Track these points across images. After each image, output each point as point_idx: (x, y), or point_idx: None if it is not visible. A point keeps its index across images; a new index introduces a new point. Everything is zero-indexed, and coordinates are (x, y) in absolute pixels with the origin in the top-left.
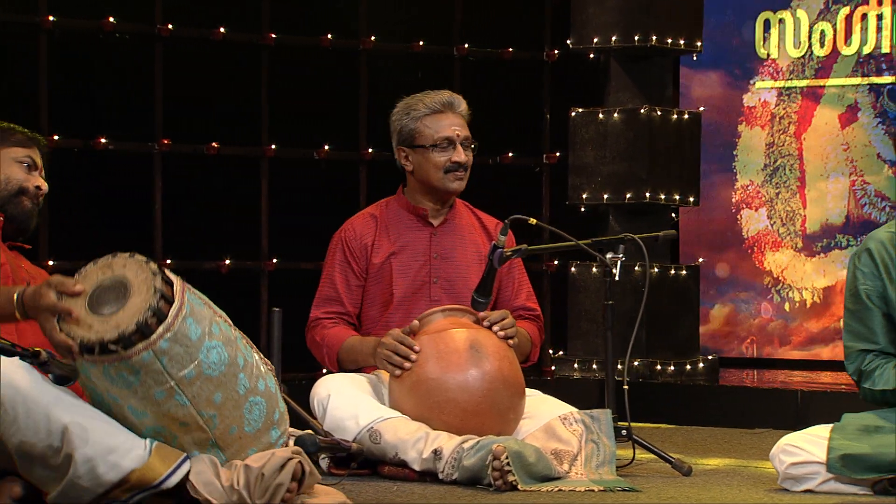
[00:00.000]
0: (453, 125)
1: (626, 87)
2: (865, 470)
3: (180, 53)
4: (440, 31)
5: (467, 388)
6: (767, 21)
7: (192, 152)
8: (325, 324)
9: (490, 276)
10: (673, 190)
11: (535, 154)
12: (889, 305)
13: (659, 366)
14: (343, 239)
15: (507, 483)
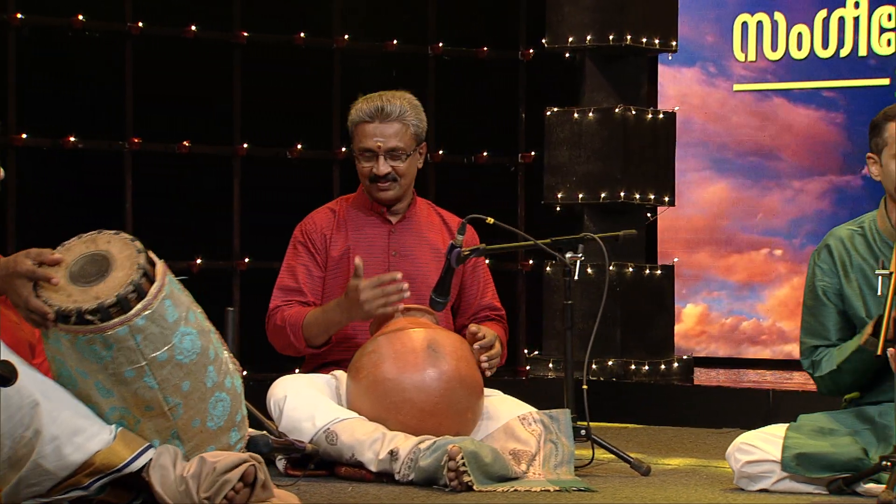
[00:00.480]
0: (377, 136)
1: (600, 86)
2: (820, 469)
3: (151, 52)
4: (415, 29)
5: (424, 388)
6: (745, 24)
7: (163, 151)
8: (284, 309)
9: (448, 275)
10: (648, 190)
11: (510, 153)
12: (845, 302)
13: (633, 365)
14: (304, 231)
15: (462, 484)
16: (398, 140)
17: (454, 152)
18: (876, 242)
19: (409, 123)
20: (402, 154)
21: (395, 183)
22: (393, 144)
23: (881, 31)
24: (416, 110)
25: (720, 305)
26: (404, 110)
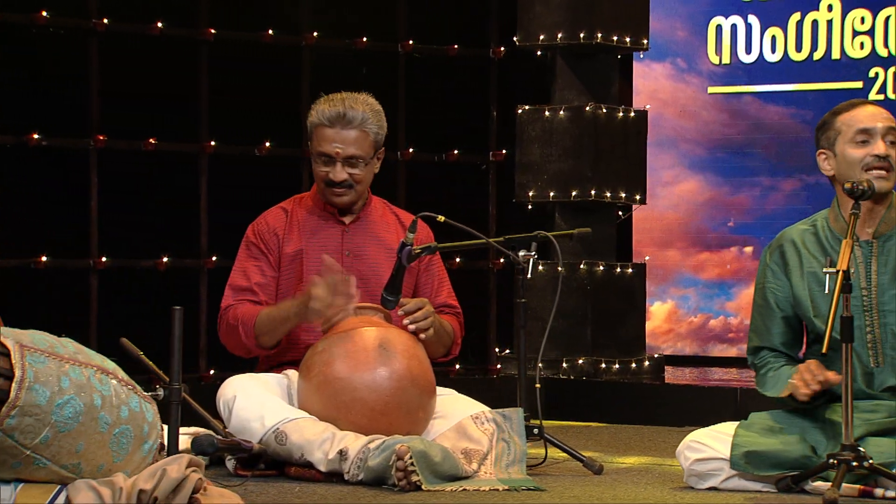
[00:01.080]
0: (335, 142)
1: (571, 84)
2: (769, 467)
3: (116, 49)
4: (385, 27)
5: (375, 387)
6: (719, 27)
7: (129, 149)
8: (237, 306)
9: (399, 273)
10: (619, 188)
11: (481, 152)
12: (795, 303)
13: (604, 364)
14: (256, 232)
15: (410, 483)
16: (357, 148)
17: (425, 150)
18: (828, 240)
19: (369, 131)
20: (361, 162)
21: (350, 189)
22: (352, 152)
23: (854, 35)
24: (377, 116)
25: (688, 303)
26: (366, 118)
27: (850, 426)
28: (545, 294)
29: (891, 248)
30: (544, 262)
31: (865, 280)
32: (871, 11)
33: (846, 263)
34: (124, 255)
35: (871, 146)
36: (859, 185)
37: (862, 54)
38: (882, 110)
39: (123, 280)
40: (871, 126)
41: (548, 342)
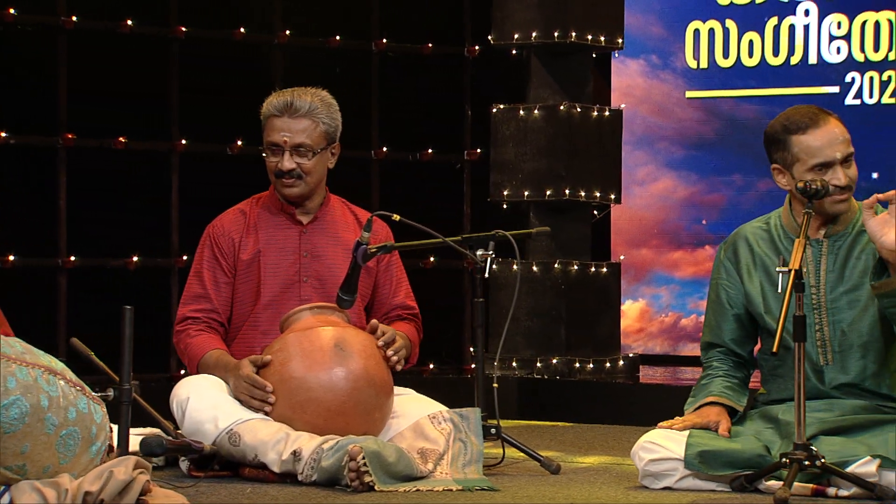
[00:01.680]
0: (284, 131)
1: (546, 83)
2: (723, 466)
3: (85, 46)
4: (358, 25)
5: (331, 387)
6: (697, 31)
7: (99, 147)
8: (191, 331)
9: (355, 273)
10: (593, 187)
11: (456, 151)
12: (747, 301)
13: (578, 363)
14: (211, 235)
15: (363, 484)
16: (305, 136)
17: (399, 150)
18: (780, 239)
19: (319, 121)
20: (309, 151)
21: (299, 180)
22: (299, 140)
23: (831, 39)
24: (328, 108)
25: (660, 302)
26: (315, 107)
27: (802, 425)
28: (520, 293)
29: (841, 247)
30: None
31: (815, 278)
32: (848, 16)
33: (798, 263)
34: (94, 254)
35: (830, 175)
36: (812, 184)
37: (839, 59)
38: (838, 131)
39: (93, 279)
40: (829, 159)
41: (523, 341)
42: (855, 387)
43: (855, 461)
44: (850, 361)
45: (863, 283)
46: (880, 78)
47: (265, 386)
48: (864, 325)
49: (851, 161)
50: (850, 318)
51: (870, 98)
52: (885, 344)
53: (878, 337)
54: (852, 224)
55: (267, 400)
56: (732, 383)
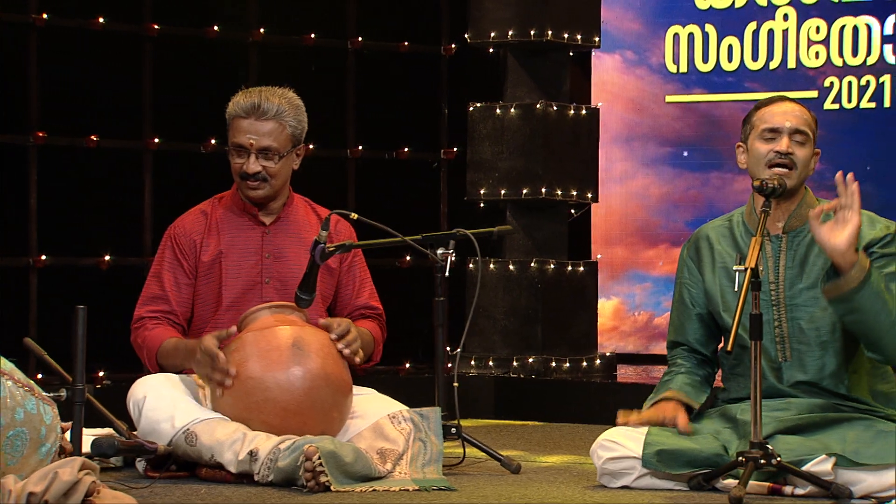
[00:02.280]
0: (250, 133)
1: (523, 82)
2: (680, 465)
3: (57, 44)
4: (333, 24)
5: (288, 386)
6: (676, 35)
7: (70, 145)
8: (148, 325)
9: (313, 272)
10: (570, 186)
11: (432, 150)
12: (708, 299)
13: (554, 362)
14: (172, 236)
15: (319, 484)
16: (272, 139)
17: (374, 147)
18: (741, 236)
19: (285, 123)
20: (275, 155)
21: (265, 183)
22: (266, 143)
23: (809, 44)
24: (295, 110)
25: (634, 301)
26: (282, 109)
27: (758, 424)
28: (496, 292)
29: (800, 243)
30: (495, 261)
31: (774, 274)
32: (826, 21)
33: (754, 261)
34: (65, 252)
35: (775, 143)
36: (769, 182)
37: (817, 63)
38: (797, 108)
39: (64, 279)
40: (779, 125)
41: (499, 340)
42: (813, 385)
43: (811, 459)
44: (809, 359)
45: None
46: (858, 83)
47: (227, 368)
48: (824, 323)
49: (806, 144)
50: (809, 315)
51: (848, 102)
52: (845, 343)
53: (838, 336)
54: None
55: (227, 373)
56: (693, 380)
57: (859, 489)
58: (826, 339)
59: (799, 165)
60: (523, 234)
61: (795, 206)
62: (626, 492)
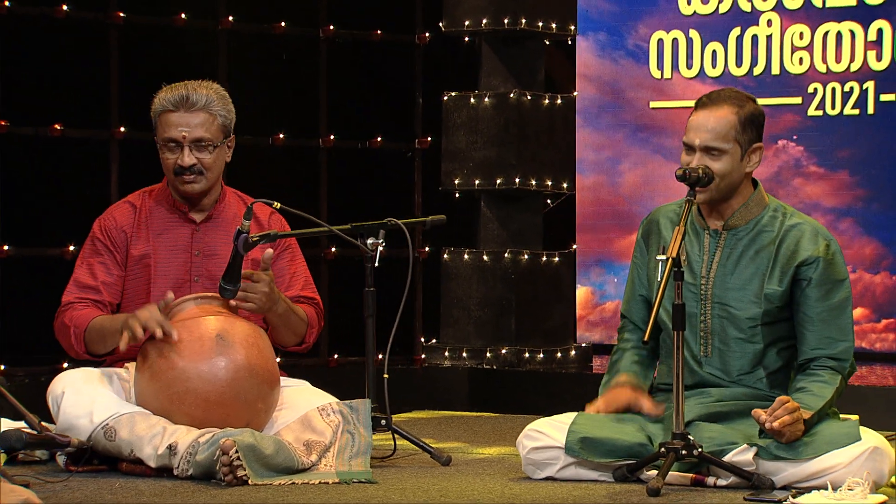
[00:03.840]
0: (181, 126)
1: (497, 70)
2: (603, 454)
3: (20, 32)
4: (305, 11)
5: (210, 377)
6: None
7: (34, 135)
8: (77, 306)
9: (236, 262)
10: (545, 176)
11: (406, 139)
12: (649, 285)
13: (527, 353)
14: (103, 228)
15: (237, 478)
16: (204, 130)
17: (347, 137)
18: (690, 224)
19: (216, 114)
20: (209, 145)
21: (201, 176)
22: (199, 134)
23: (793, 50)
24: (223, 101)
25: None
26: (211, 100)
27: (680, 415)
28: (471, 283)
29: (737, 242)
30: (469, 251)
31: (706, 268)
32: (810, 27)
33: (675, 251)
34: (30, 243)
35: (690, 157)
36: (692, 172)
37: (801, 70)
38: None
39: (28, 269)
40: (690, 142)
41: (473, 331)
42: (733, 382)
43: (732, 449)
44: (729, 356)
45: (752, 282)
46: (842, 89)
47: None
48: (745, 325)
49: (722, 156)
50: (732, 314)
51: (832, 109)
52: (765, 346)
53: (759, 339)
54: (754, 221)
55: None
56: (641, 357)
57: (780, 479)
58: (745, 340)
59: (716, 178)
60: (498, 224)
61: (740, 204)
62: (547, 483)
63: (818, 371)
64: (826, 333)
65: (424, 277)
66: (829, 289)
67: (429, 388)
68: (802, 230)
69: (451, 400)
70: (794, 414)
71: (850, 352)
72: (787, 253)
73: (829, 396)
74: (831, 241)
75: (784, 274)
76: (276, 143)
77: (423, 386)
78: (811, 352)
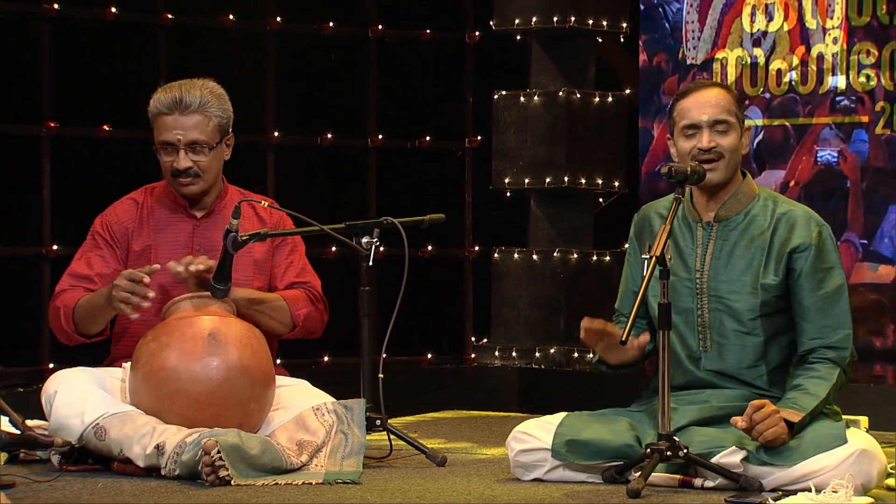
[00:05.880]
0: (176, 129)
1: (547, 69)
2: (590, 456)
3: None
4: (354, 11)
5: (201, 377)
6: (724, 59)
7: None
8: (68, 291)
9: (226, 261)
10: (595, 174)
11: (456, 138)
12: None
13: (576, 353)
14: (105, 223)
15: (220, 478)
16: (199, 133)
17: (396, 136)
18: (679, 223)
19: (210, 115)
20: (205, 147)
21: (197, 178)
22: (193, 137)
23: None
24: (219, 100)
25: None
26: (205, 101)
27: (666, 416)
28: (520, 283)
29: (729, 233)
30: (519, 250)
31: (700, 262)
32: (878, 45)
33: (660, 249)
34: None
35: (697, 138)
36: (678, 169)
37: (867, 87)
38: (712, 96)
39: None
40: (696, 120)
41: (523, 331)
42: (732, 377)
43: (720, 451)
44: (728, 351)
45: (747, 273)
46: None
47: (143, 277)
48: (744, 318)
49: (729, 131)
50: (730, 307)
51: None
52: (765, 337)
53: (759, 331)
54: (745, 211)
55: (146, 294)
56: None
57: (769, 482)
58: (746, 333)
59: (727, 154)
60: (548, 223)
61: (730, 195)
62: (531, 485)
63: (816, 365)
64: (823, 323)
65: (475, 277)
66: (821, 277)
67: (478, 387)
68: (795, 216)
69: (501, 400)
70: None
71: (850, 339)
72: (781, 240)
73: (823, 395)
74: (823, 226)
75: (779, 262)
76: (324, 143)
77: (473, 385)
78: (809, 342)
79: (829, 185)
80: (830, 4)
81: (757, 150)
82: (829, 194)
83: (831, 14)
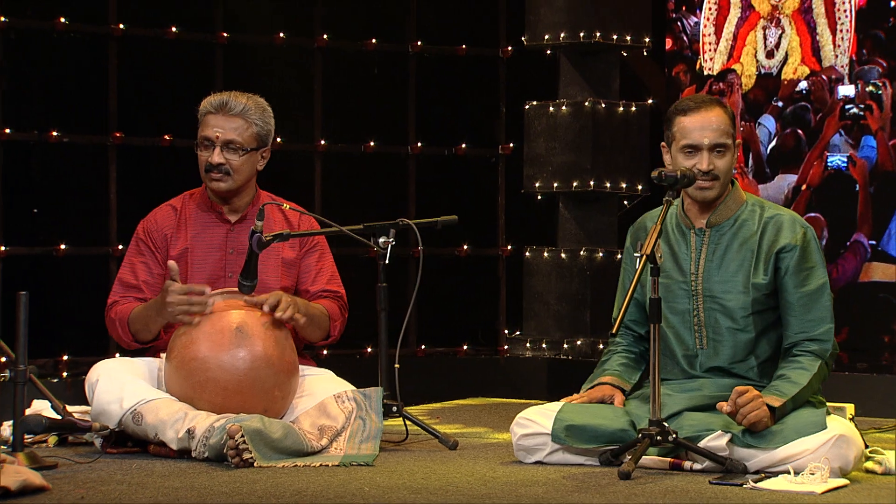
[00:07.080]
0: (216, 127)
1: (574, 81)
2: (587, 440)
3: (133, 51)
4: (394, 28)
5: (229, 367)
6: None
7: (145, 145)
8: (120, 303)
9: (252, 260)
10: (619, 179)
11: (490, 146)
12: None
13: (601, 345)
14: (145, 229)
15: (243, 460)
16: (236, 134)
17: (434, 144)
18: (674, 229)
19: (251, 122)
20: (239, 149)
21: (227, 176)
22: (230, 137)
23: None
24: (262, 112)
25: None
26: (248, 108)
27: (657, 403)
28: (550, 279)
29: (721, 237)
30: (549, 249)
31: (694, 266)
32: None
33: (650, 248)
34: None
35: (696, 159)
36: (668, 174)
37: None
38: (713, 118)
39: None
40: (697, 142)
41: (553, 324)
42: (725, 371)
43: (707, 435)
44: (722, 347)
45: (738, 274)
46: None
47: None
48: (737, 315)
49: (725, 153)
50: (723, 305)
51: None
52: (757, 334)
53: (750, 329)
54: (735, 217)
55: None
56: (629, 359)
57: (752, 464)
58: (737, 330)
59: (722, 175)
60: (575, 224)
61: (720, 202)
62: (532, 467)
63: (799, 357)
64: (807, 317)
65: (508, 274)
66: (805, 276)
67: (510, 376)
68: (782, 220)
69: (531, 389)
70: (755, 402)
71: (831, 333)
72: (769, 242)
73: (804, 383)
74: (808, 228)
75: (767, 262)
76: (366, 151)
77: (506, 375)
78: (794, 336)
79: (839, 189)
80: (840, 18)
81: (770, 156)
82: (839, 197)
83: (841, 27)
